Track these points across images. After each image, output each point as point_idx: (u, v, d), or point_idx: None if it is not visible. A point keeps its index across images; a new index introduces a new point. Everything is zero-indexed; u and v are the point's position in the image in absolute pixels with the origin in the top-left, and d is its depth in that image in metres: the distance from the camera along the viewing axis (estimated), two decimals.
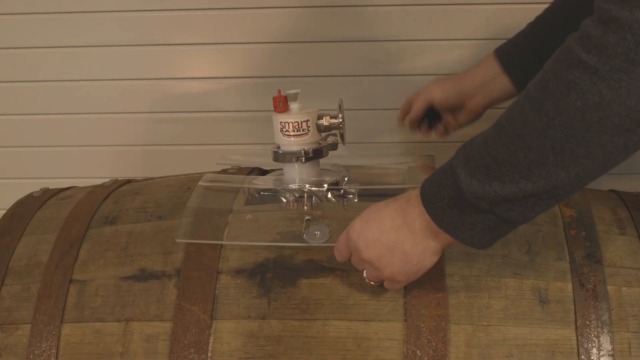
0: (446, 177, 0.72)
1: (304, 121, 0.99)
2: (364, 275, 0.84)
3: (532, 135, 0.65)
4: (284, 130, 1.00)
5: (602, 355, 0.81)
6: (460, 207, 0.72)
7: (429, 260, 0.79)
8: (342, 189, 1.01)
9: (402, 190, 0.98)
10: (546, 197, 0.68)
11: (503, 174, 0.68)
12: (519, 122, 0.66)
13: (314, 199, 1.01)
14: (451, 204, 0.72)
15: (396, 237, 0.77)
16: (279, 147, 1.02)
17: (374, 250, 0.79)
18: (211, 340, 0.86)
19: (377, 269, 0.80)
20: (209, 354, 0.85)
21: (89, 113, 1.52)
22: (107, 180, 1.14)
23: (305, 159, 1.00)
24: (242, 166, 1.11)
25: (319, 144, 1.02)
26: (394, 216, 0.78)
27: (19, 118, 1.54)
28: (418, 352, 0.82)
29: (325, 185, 1.01)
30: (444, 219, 0.73)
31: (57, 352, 0.89)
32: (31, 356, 0.89)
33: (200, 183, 1.02)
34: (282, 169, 1.06)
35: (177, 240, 0.92)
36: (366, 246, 0.79)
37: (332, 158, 1.05)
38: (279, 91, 1.00)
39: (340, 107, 1.01)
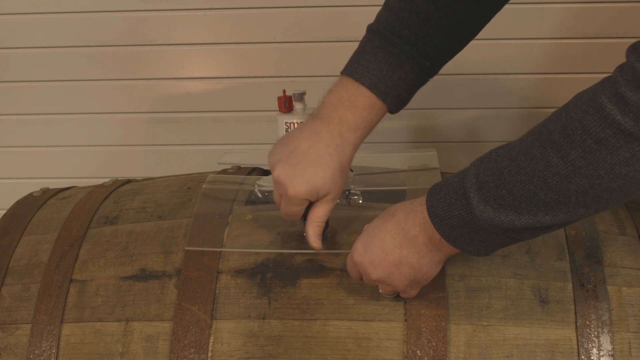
0: (457, 197, 0.72)
1: None
2: (379, 290, 0.84)
3: (555, 179, 0.65)
4: (289, 130, 1.00)
5: (602, 356, 0.81)
6: (471, 227, 0.72)
7: (436, 269, 0.80)
8: (346, 190, 1.01)
9: (404, 192, 0.98)
10: (561, 225, 0.70)
11: (520, 207, 0.68)
12: (541, 164, 0.66)
13: None
14: (462, 223, 0.72)
15: (400, 253, 0.77)
16: None
17: (381, 270, 0.79)
18: (211, 340, 0.86)
19: (389, 285, 0.81)
20: (209, 354, 0.85)
21: (89, 113, 1.53)
22: (107, 180, 1.14)
23: None
24: (242, 166, 1.11)
25: None
26: (394, 234, 0.78)
27: (19, 118, 1.54)
28: (418, 352, 0.82)
29: None
30: (452, 235, 0.74)
31: (57, 352, 0.89)
32: (31, 356, 0.89)
33: (205, 185, 1.02)
34: None
35: (186, 248, 0.92)
36: (373, 268, 0.79)
37: None
38: (284, 91, 1.00)
39: None
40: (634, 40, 0.64)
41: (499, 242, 0.73)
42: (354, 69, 0.85)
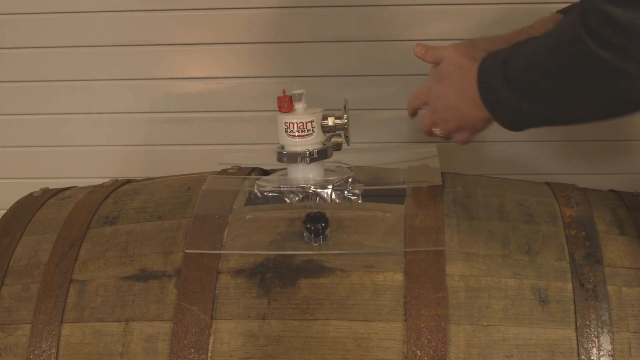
0: (497, 66, 0.78)
1: (309, 122, 0.99)
2: (434, 130, 0.91)
3: (547, 77, 0.71)
4: (289, 130, 1.00)
5: (602, 355, 0.81)
6: (497, 96, 0.78)
7: (483, 120, 0.85)
8: (346, 189, 1.01)
9: (404, 190, 0.98)
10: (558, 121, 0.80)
11: (530, 94, 0.74)
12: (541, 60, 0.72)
13: (318, 199, 1.01)
14: (491, 90, 0.78)
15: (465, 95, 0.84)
16: (283, 148, 1.02)
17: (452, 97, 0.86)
18: (211, 340, 0.86)
19: (448, 120, 0.87)
20: (209, 354, 0.85)
21: (89, 113, 1.52)
22: (107, 180, 1.14)
23: (309, 160, 1.00)
24: (242, 166, 1.11)
25: (324, 144, 1.02)
26: (462, 80, 0.84)
27: (19, 118, 1.54)
28: (418, 352, 0.82)
29: (330, 186, 1.01)
30: (486, 96, 0.79)
31: (57, 352, 0.89)
32: (31, 356, 0.89)
33: (205, 186, 1.02)
34: (284, 169, 1.05)
35: (186, 250, 0.92)
36: (438, 80, 0.88)
37: (336, 155, 1.05)
38: (284, 91, 1.00)
39: (345, 107, 1.01)
40: None
41: (522, 119, 0.78)
42: None
